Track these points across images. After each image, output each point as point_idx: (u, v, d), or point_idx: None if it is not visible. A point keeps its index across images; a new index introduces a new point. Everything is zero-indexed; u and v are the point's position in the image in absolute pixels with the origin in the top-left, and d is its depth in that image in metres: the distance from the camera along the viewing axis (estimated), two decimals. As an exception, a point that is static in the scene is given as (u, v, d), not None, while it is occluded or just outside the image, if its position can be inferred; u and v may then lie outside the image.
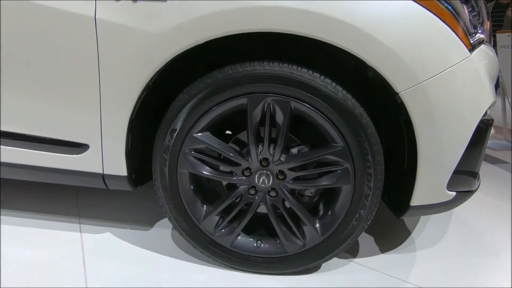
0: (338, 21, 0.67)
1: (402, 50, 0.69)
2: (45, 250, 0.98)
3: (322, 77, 0.74)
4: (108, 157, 0.87)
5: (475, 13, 0.79)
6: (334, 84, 0.74)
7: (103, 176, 0.90)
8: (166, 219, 0.94)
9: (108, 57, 0.77)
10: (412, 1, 0.69)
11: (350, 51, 0.69)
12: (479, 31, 0.81)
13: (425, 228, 1.20)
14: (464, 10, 0.75)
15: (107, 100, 0.81)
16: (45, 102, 0.84)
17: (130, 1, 0.73)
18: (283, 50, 0.82)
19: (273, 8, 0.68)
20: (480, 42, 0.81)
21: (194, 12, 0.71)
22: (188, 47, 0.73)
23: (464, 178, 0.85)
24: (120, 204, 1.27)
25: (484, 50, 0.81)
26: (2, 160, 0.92)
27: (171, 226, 1.05)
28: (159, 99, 0.89)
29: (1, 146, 0.91)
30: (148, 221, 1.16)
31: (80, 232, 1.08)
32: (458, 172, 0.79)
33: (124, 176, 0.89)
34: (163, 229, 1.12)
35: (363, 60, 0.70)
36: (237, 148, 0.90)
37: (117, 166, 0.88)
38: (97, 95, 0.80)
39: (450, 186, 0.81)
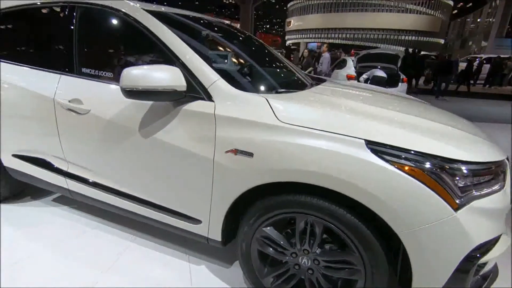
0: (364, 190, 1.07)
1: (399, 207, 1.05)
2: (162, 270, 1.64)
3: (344, 211, 1.15)
4: (212, 230, 1.45)
5: (466, 181, 1.07)
6: (350, 215, 1.14)
7: (207, 238, 1.49)
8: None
9: (218, 178, 1.33)
10: (406, 175, 1.04)
11: (368, 206, 1.09)
12: (474, 192, 1.08)
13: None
14: (449, 179, 1.05)
15: (215, 200, 1.37)
16: (184, 194, 1.46)
17: (232, 153, 1.27)
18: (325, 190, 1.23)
19: (327, 176, 1.12)
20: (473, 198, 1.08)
21: (266, 166, 1.20)
22: (266, 182, 1.23)
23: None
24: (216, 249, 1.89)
25: (477, 206, 1.08)
26: (153, 217, 1.60)
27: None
28: (245, 202, 1.40)
29: (151, 211, 1.58)
30: (229, 261, 1.74)
31: (188, 262, 1.73)
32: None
33: (219, 241, 1.46)
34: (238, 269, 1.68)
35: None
36: (288, 238, 1.36)
37: (216, 234, 1.45)
38: (210, 196, 1.37)
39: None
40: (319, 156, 1.12)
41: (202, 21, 1.97)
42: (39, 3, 1.80)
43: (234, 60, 1.79)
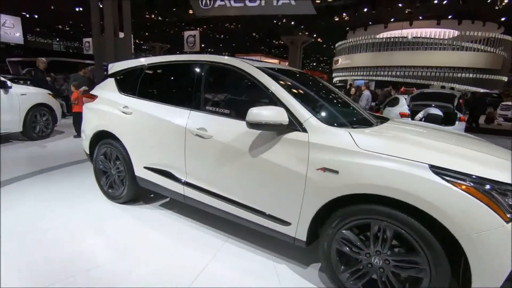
0: (428, 202, 1.42)
1: (457, 217, 1.37)
2: (252, 263, 2.06)
3: (412, 219, 1.49)
4: (299, 231, 1.86)
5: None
6: (417, 222, 1.48)
7: (294, 238, 1.91)
8: (319, 263, 1.84)
9: (309, 189, 1.77)
10: (463, 192, 1.37)
11: (431, 215, 1.43)
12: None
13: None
14: (500, 198, 1.36)
15: (304, 206, 1.80)
16: (279, 200, 1.92)
17: (321, 170, 1.71)
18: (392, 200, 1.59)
19: (397, 190, 1.50)
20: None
21: (348, 181, 1.62)
22: (348, 193, 1.64)
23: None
24: (297, 250, 2.28)
25: None
26: (251, 219, 2.07)
27: (318, 268, 1.95)
28: (325, 210, 1.81)
29: (251, 214, 2.05)
30: (307, 261, 2.12)
31: (273, 262, 2.14)
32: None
33: (304, 241, 1.87)
34: (315, 269, 2.04)
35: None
36: (363, 240, 1.72)
37: (302, 235, 1.86)
38: (300, 203, 1.81)
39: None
40: (391, 174, 1.52)
41: (291, 72, 2.56)
42: (176, 60, 2.57)
43: (319, 101, 2.31)
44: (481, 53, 23.14)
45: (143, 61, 2.79)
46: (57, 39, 38.52)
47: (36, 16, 24.60)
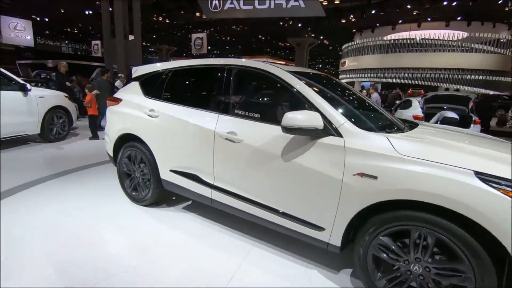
0: (474, 209, 1.40)
1: (505, 224, 1.35)
2: (282, 267, 2.05)
3: (455, 225, 1.47)
4: (333, 236, 1.85)
5: None
6: (461, 229, 1.46)
7: (327, 243, 1.89)
8: (351, 268, 1.83)
9: (345, 194, 1.75)
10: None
11: (477, 222, 1.40)
12: None
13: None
14: None
15: (340, 212, 1.79)
16: (312, 205, 1.91)
17: (359, 176, 1.70)
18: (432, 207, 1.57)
19: (441, 196, 1.48)
20: None
21: (388, 186, 1.60)
22: (388, 199, 1.62)
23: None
24: (326, 255, 2.27)
25: None
26: (282, 224, 2.06)
27: (350, 273, 1.93)
28: (364, 214, 1.79)
29: (282, 219, 2.04)
30: (338, 267, 2.10)
31: (305, 267, 2.12)
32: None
33: (338, 246, 1.85)
34: (346, 275, 2.02)
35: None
36: (402, 246, 1.70)
37: (336, 240, 1.84)
38: (336, 208, 1.80)
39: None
40: (435, 181, 1.49)
41: (318, 75, 2.55)
42: (204, 64, 2.58)
43: (349, 106, 2.29)
44: (490, 54, 22.85)
45: (168, 64, 2.80)
46: (66, 41, 39.07)
47: (46, 20, 24.97)
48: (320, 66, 53.56)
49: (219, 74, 2.44)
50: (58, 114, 5.56)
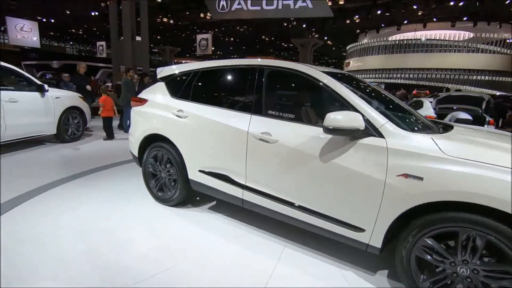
0: None
1: None
2: (317, 268, 2.04)
3: (507, 227, 1.45)
4: (373, 238, 1.84)
5: None
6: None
7: (367, 245, 1.88)
8: (386, 270, 1.81)
9: (388, 195, 1.74)
10: None
11: None
12: None
13: None
14: None
15: (382, 213, 1.77)
16: (352, 206, 1.90)
17: (403, 177, 1.69)
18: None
19: (489, 197, 1.46)
20: None
21: (435, 187, 1.59)
22: (434, 200, 1.61)
23: None
24: (359, 256, 2.25)
25: None
26: (318, 225, 2.05)
27: (387, 275, 1.92)
28: (404, 218, 1.78)
29: (319, 220, 2.03)
30: (373, 268, 2.08)
31: (339, 268, 2.11)
32: None
33: (378, 248, 1.84)
34: (383, 276, 2.01)
35: None
36: (447, 248, 1.68)
37: (377, 242, 1.83)
38: (377, 209, 1.78)
39: None
40: (485, 182, 1.48)
41: (350, 76, 2.53)
42: (234, 65, 2.58)
43: (385, 106, 2.28)
44: (496, 55, 22.76)
45: (196, 65, 2.80)
46: (71, 42, 39.26)
47: (52, 21, 25.10)
48: (324, 66, 53.44)
49: (250, 75, 2.43)
50: (73, 115, 5.58)
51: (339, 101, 2.00)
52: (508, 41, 22.61)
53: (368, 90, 2.50)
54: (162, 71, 3.06)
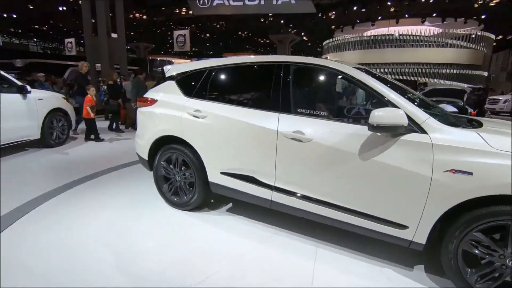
0: None
1: None
2: (358, 267, 2.01)
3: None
4: (418, 234, 1.82)
5: None
6: None
7: (410, 242, 1.86)
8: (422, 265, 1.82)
9: (435, 191, 1.72)
10: None
11: None
12: None
13: None
14: None
15: (428, 209, 1.76)
16: (395, 204, 1.87)
17: (451, 172, 1.68)
18: None
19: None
20: None
21: (486, 182, 1.59)
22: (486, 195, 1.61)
23: None
24: (394, 253, 2.24)
25: None
26: (357, 223, 2.01)
27: (423, 269, 1.93)
28: (450, 213, 1.78)
29: (357, 218, 1.99)
30: (409, 264, 2.09)
31: (380, 267, 2.09)
32: None
33: (422, 244, 1.83)
34: (421, 271, 2.01)
35: None
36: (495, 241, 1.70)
37: (421, 238, 1.82)
38: (423, 206, 1.77)
39: None
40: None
41: (374, 73, 2.49)
42: (256, 62, 2.46)
43: (419, 102, 2.26)
44: (463, 49, 24.10)
45: (211, 62, 2.65)
46: (34, 39, 36.67)
47: (14, 16, 23.26)
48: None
49: (275, 72, 2.32)
50: (57, 117, 5.17)
51: (375, 97, 1.96)
52: (472, 36, 24.01)
53: (395, 87, 2.48)
54: (171, 69, 2.88)
